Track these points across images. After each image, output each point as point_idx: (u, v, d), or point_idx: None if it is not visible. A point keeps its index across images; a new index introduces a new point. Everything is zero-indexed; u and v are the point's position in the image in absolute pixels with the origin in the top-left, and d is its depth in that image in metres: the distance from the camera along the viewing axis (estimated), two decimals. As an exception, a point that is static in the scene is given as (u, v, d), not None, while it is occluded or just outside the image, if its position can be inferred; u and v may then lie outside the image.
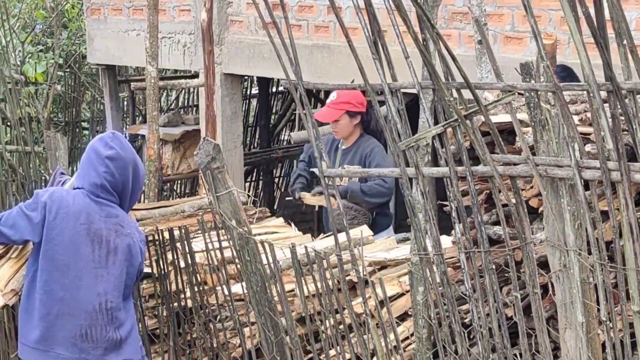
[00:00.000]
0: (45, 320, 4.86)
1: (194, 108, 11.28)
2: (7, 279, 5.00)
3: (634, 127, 3.25)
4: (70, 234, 4.83)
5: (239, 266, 5.08)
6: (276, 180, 11.94)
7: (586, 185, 3.50)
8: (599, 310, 3.58)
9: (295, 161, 11.82)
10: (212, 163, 4.86)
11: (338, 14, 3.93)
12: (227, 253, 5.23)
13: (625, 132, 3.34)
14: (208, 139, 4.97)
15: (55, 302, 4.84)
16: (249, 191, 10.15)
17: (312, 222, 8.50)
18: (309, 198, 6.66)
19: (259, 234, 5.65)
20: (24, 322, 4.97)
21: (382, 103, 4.05)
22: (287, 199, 7.19)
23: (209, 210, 6.16)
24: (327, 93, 10.39)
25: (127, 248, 4.97)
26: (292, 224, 6.43)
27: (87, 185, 4.93)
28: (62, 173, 6.13)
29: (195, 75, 8.92)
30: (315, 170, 6.07)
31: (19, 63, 7.77)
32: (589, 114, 3.88)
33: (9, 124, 7.57)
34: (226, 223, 4.96)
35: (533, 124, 3.55)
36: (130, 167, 4.89)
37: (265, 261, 4.86)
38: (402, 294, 4.72)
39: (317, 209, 7.28)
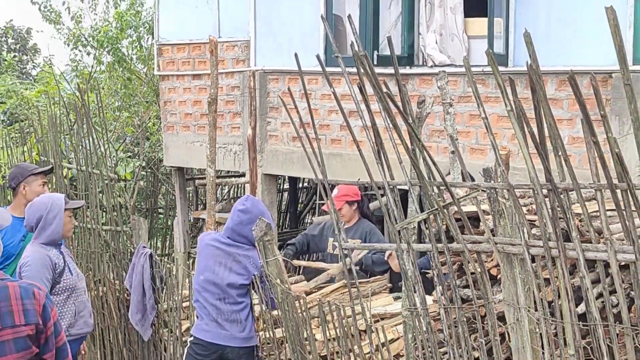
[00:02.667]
0: None
1: (241, 199, 11.33)
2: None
3: (568, 216, 3.29)
4: None
5: (280, 314, 5.08)
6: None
7: (533, 259, 3.52)
8: (543, 353, 3.56)
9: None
10: (264, 236, 4.89)
11: (352, 131, 3.99)
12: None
13: (561, 219, 3.38)
14: (263, 219, 5.00)
15: None
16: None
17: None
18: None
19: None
20: None
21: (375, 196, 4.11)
22: (308, 266, 7.12)
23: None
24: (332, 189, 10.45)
25: None
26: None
27: (224, 230, 5.31)
28: (144, 247, 6.17)
29: (243, 175, 8.99)
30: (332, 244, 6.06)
31: (113, 165, 7.85)
32: (534, 206, 3.91)
33: (104, 209, 7.61)
34: (272, 281, 4.97)
35: (493, 213, 3.58)
36: (256, 219, 4.98)
37: (299, 311, 4.86)
38: (397, 339, 4.69)
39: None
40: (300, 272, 6.95)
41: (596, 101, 2.86)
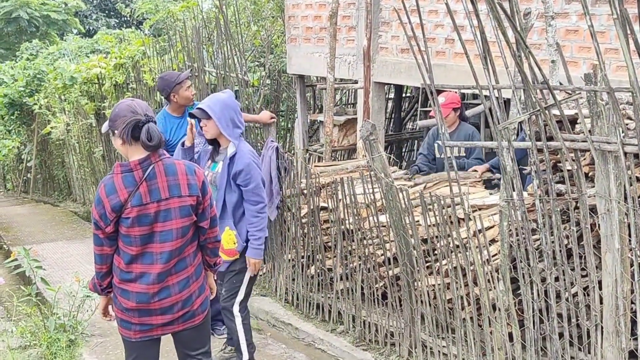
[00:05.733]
0: None
1: (352, 105, 11.28)
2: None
3: (664, 117, 3.14)
4: None
5: (384, 203, 5.10)
6: (403, 153, 11.86)
7: (626, 156, 3.40)
8: (630, 240, 3.47)
9: (416, 141, 11.74)
10: (370, 136, 4.87)
11: (463, 43, 3.86)
12: (377, 195, 5.25)
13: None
14: (368, 121, 4.98)
15: None
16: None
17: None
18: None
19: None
20: None
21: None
22: (412, 167, 7.04)
23: (364, 167, 6.18)
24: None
25: None
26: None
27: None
28: (272, 141, 6.26)
29: (355, 82, 8.91)
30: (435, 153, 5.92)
31: (243, 73, 7.87)
32: (628, 111, 3.74)
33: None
34: (377, 175, 4.98)
35: (591, 114, 3.45)
36: None
37: (401, 200, 4.87)
38: (492, 226, 4.64)
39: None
40: (405, 168, 6.91)
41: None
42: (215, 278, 4.07)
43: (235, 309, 4.85)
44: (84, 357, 5.43)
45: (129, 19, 20.15)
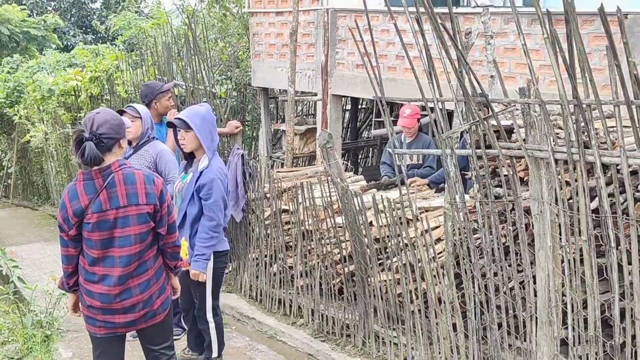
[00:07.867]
0: None
1: (312, 115, 11.29)
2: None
3: (589, 127, 3.20)
4: None
5: (340, 206, 5.11)
6: (359, 159, 11.90)
7: (557, 163, 3.45)
8: (560, 238, 3.53)
9: (371, 149, 11.78)
10: (327, 144, 4.89)
11: (411, 60, 3.89)
12: (333, 198, 5.26)
13: (583, 131, 3.29)
14: (325, 130, 5.00)
15: None
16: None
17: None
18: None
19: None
20: None
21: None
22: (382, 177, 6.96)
23: (322, 173, 6.18)
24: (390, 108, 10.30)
25: None
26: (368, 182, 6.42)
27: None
28: (238, 148, 6.23)
29: (315, 94, 8.92)
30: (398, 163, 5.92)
31: (211, 85, 7.84)
32: (559, 121, 3.81)
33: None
34: (334, 180, 4.99)
35: (525, 124, 3.50)
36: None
37: (356, 203, 4.88)
38: (438, 226, 4.68)
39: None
40: (360, 173, 6.93)
41: (620, 30, 2.73)
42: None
43: (209, 315, 4.65)
44: (60, 351, 5.33)
45: (104, 35, 19.90)
